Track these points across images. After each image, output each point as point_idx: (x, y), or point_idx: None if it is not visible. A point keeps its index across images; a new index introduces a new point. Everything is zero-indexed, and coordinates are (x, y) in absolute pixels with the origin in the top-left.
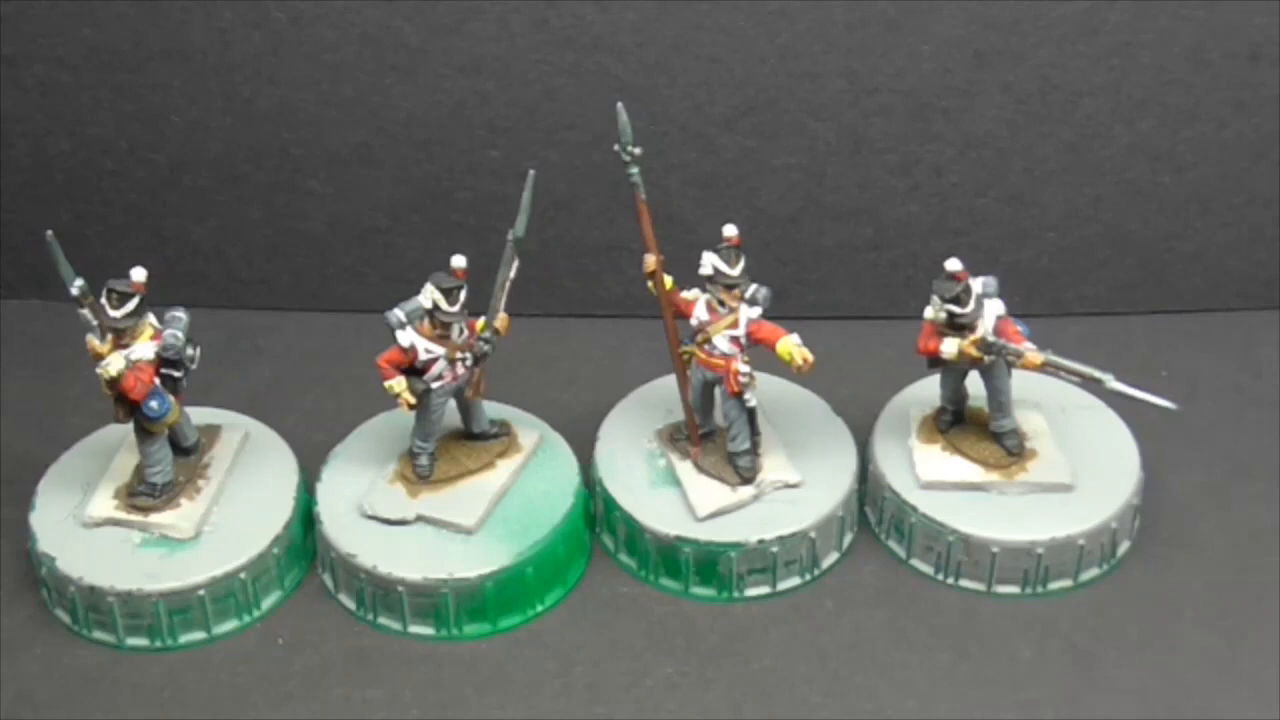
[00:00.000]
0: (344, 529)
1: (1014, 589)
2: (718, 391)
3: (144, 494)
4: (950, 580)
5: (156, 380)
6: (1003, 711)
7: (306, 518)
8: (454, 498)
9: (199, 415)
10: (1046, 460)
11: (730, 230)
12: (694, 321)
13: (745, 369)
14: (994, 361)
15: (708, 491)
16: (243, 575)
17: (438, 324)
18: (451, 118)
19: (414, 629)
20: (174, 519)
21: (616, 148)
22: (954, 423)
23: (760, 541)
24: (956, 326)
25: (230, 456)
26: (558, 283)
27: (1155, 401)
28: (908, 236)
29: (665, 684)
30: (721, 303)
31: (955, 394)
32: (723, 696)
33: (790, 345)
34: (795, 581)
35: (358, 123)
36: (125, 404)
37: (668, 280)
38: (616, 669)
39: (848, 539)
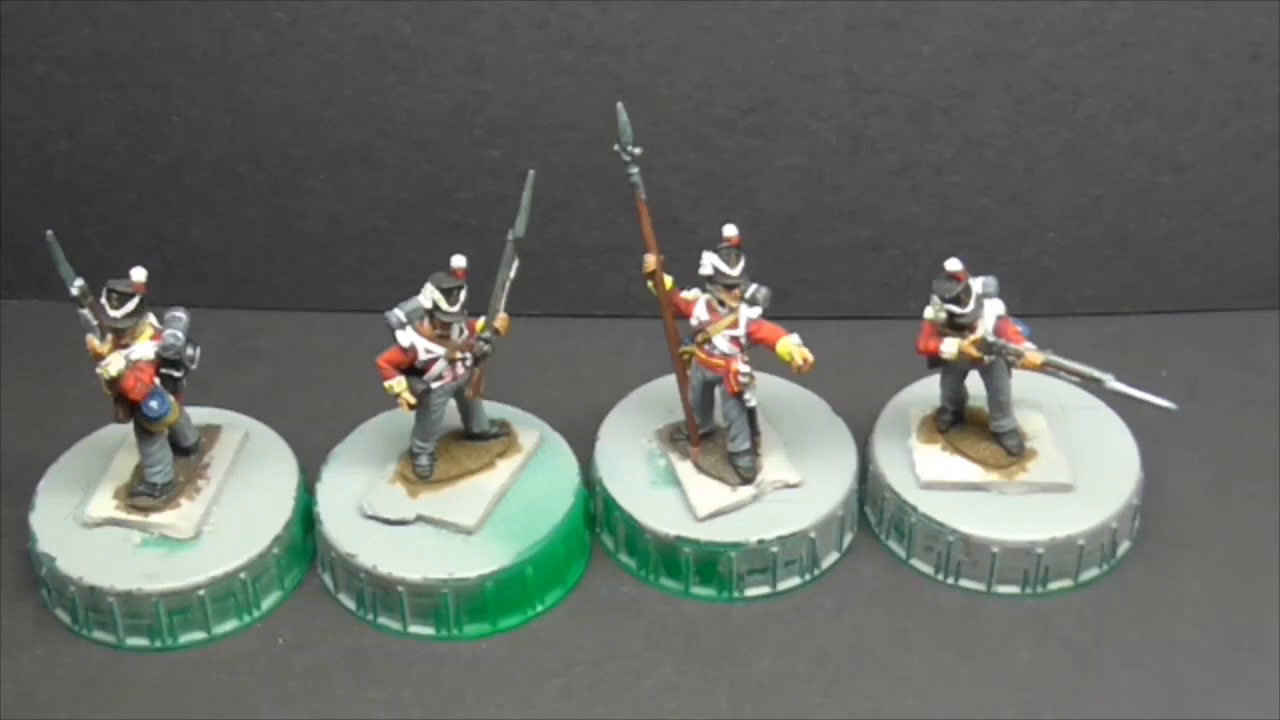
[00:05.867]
0: (344, 529)
1: (1014, 589)
2: (718, 391)
3: (144, 494)
4: (950, 580)
5: (156, 380)
6: (1003, 711)
7: (306, 518)
8: (454, 498)
9: (199, 415)
10: (1046, 460)
11: (730, 230)
12: (694, 321)
13: (745, 369)
14: (994, 361)
15: (708, 491)
16: (243, 575)
17: (438, 324)
18: (451, 118)
19: (414, 629)
20: (174, 519)
21: (616, 148)
22: (954, 423)
23: (760, 541)
24: (956, 326)
25: (230, 456)
26: (558, 283)
27: (1155, 401)
28: (908, 236)
29: (665, 684)
30: (721, 303)
31: (955, 394)
32: (723, 696)
33: (790, 345)
34: (795, 581)
35: (358, 123)
36: (125, 404)
37: (668, 280)
38: (616, 669)
39: (848, 539)
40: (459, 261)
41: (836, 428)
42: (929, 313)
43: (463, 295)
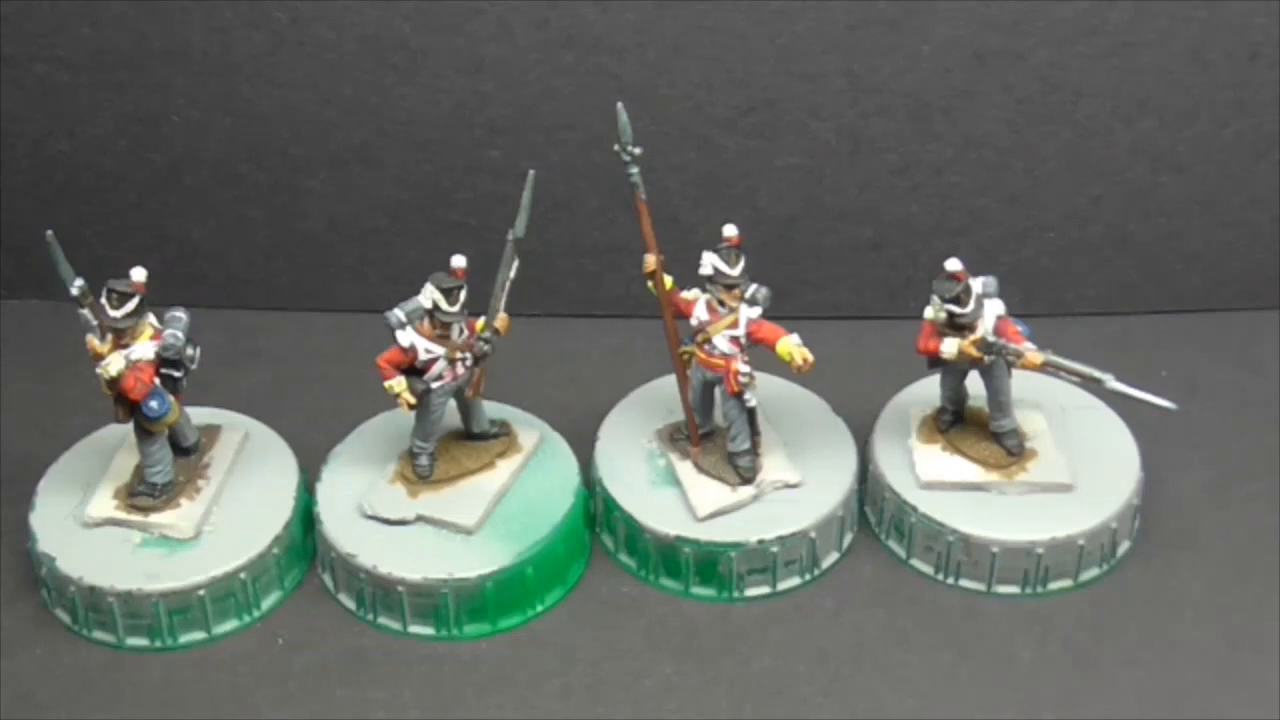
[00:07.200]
0: (344, 529)
1: (1014, 589)
2: (718, 391)
3: (144, 494)
4: (950, 580)
5: (156, 380)
6: (1003, 711)
7: (306, 518)
8: (454, 498)
9: (199, 415)
10: (1046, 460)
11: (730, 230)
12: (694, 321)
13: (745, 369)
14: (994, 361)
15: (708, 491)
16: (243, 575)
17: (438, 324)
18: (451, 118)
19: (414, 629)
20: (174, 519)
21: (616, 148)
22: (954, 423)
23: (760, 541)
24: (956, 326)
25: (230, 456)
26: (558, 283)
27: (1155, 401)
28: (908, 236)
29: (665, 684)
30: (721, 303)
31: (955, 394)
32: (723, 696)
33: (790, 345)
34: (795, 581)
35: (358, 123)
36: (125, 404)
37: (668, 280)
38: (616, 669)
39: (848, 539)
40: (459, 261)
41: (836, 428)
42: (929, 313)
43: (463, 295)
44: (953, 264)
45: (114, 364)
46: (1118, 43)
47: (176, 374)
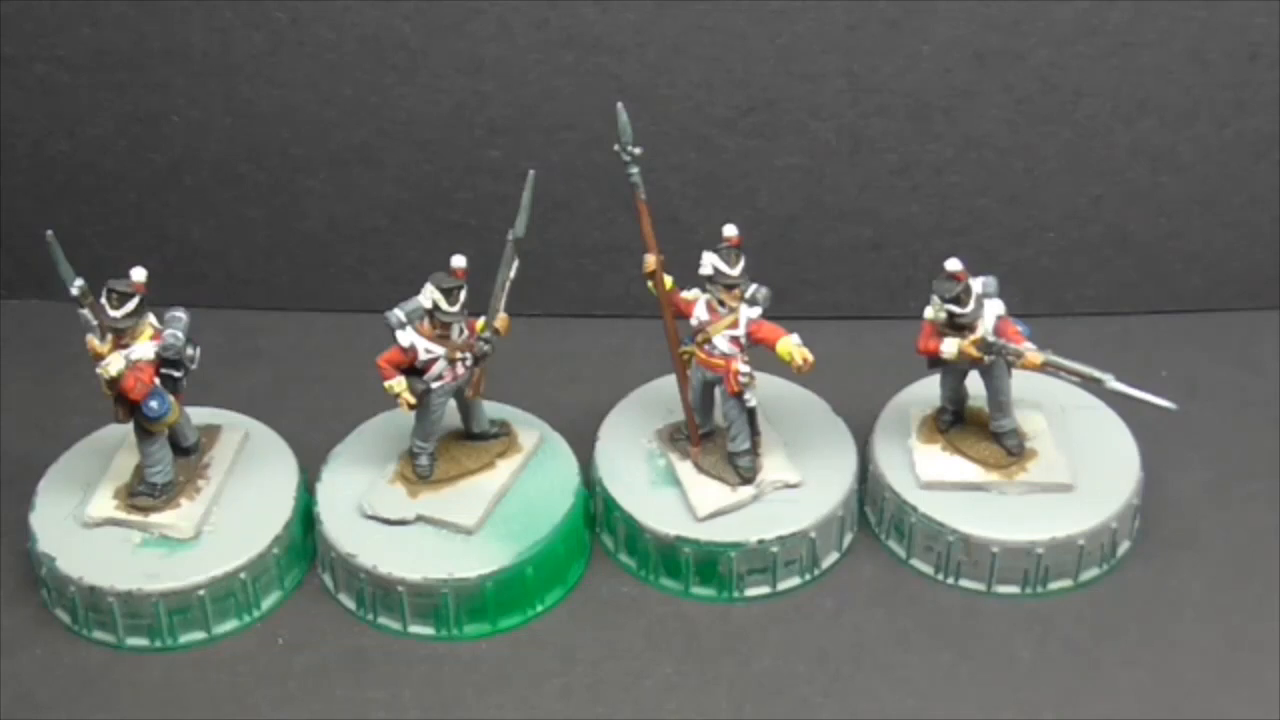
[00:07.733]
0: (344, 529)
1: (1014, 589)
2: (718, 391)
3: (144, 494)
4: (950, 580)
5: (156, 380)
6: (1003, 711)
7: (306, 518)
8: (454, 498)
9: (199, 415)
10: (1046, 460)
11: (730, 230)
12: (694, 321)
13: (745, 369)
14: (994, 361)
15: (708, 491)
16: (243, 575)
17: (438, 324)
18: (451, 118)
19: (414, 629)
20: (174, 519)
21: (616, 148)
22: (954, 423)
23: (760, 541)
24: (956, 326)
25: (230, 456)
26: (558, 283)
27: (1155, 401)
28: (908, 236)
29: (665, 684)
30: (721, 303)
31: (955, 394)
32: (723, 696)
33: (790, 345)
34: (795, 581)
35: (358, 123)
36: (125, 404)
37: (668, 280)
38: (616, 669)
39: (848, 539)
40: (459, 261)
41: (836, 428)
42: (929, 313)
43: (463, 295)
44: (953, 264)
45: (114, 364)
46: (1118, 43)
47: (176, 374)
